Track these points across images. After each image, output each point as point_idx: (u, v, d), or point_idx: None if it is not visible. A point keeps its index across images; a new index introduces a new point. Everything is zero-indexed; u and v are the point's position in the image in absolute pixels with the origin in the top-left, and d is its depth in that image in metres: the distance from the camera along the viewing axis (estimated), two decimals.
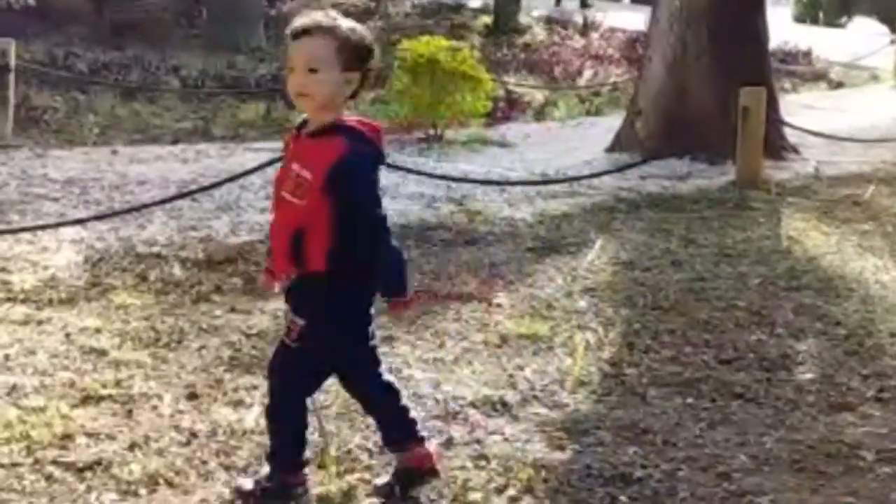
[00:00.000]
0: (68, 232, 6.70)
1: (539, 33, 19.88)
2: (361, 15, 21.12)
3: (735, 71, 9.84)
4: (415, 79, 10.45)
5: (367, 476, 3.81)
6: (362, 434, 4.13)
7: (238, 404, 4.40)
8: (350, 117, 3.55)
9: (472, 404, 4.46)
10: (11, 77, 9.68)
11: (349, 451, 3.99)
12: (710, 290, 6.16)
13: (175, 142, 10.57)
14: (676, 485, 3.85)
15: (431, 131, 10.51)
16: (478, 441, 4.13)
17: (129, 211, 6.95)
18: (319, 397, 4.42)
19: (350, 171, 3.41)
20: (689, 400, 4.61)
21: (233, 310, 5.57)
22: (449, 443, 4.10)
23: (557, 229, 7.45)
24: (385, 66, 13.22)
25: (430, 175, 8.27)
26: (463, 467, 3.91)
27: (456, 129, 10.65)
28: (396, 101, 11.01)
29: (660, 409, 4.50)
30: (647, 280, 6.33)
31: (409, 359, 4.97)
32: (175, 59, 15.30)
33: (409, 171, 8.28)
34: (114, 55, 15.30)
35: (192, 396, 4.46)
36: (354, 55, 3.46)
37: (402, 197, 8.11)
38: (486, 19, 20.51)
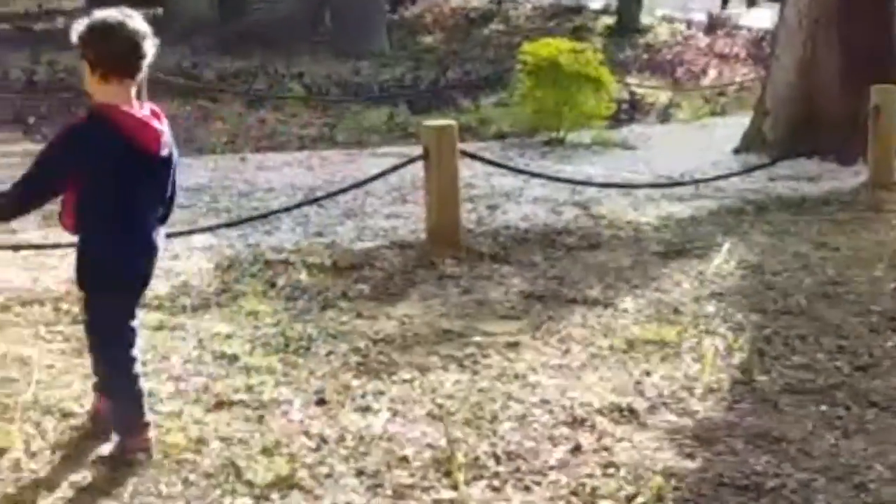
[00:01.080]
0: (199, 239, 6.84)
1: (662, 33, 19.67)
2: (481, 18, 21.19)
3: (865, 70, 9.60)
4: (537, 82, 10.42)
5: (495, 483, 3.81)
6: (489, 441, 4.13)
7: (366, 410, 4.44)
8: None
9: (600, 411, 4.43)
10: (143, 87, 9.92)
11: (477, 458, 3.99)
12: (843, 294, 6.01)
13: (301, 148, 10.72)
14: (812, 495, 3.77)
15: (554, 134, 10.47)
16: (606, 448, 4.10)
17: (257, 218, 7.06)
18: (446, 403, 4.45)
19: None
20: (823, 408, 4.50)
21: (359, 315, 5.62)
22: (577, 450, 4.08)
23: (683, 232, 7.36)
24: (506, 69, 13.28)
25: (554, 179, 8.24)
26: (591, 475, 3.88)
27: (579, 131, 10.59)
28: (519, 105, 11.00)
29: (793, 418, 4.41)
30: (777, 284, 6.21)
31: (534, 365, 4.96)
32: (300, 66, 15.53)
33: (533, 174, 8.27)
34: (240, 64, 15.59)
35: (321, 402, 4.52)
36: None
37: (525, 201, 8.09)
38: (608, 20, 20.37)
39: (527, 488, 3.79)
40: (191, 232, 6.82)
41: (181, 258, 6.47)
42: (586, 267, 6.53)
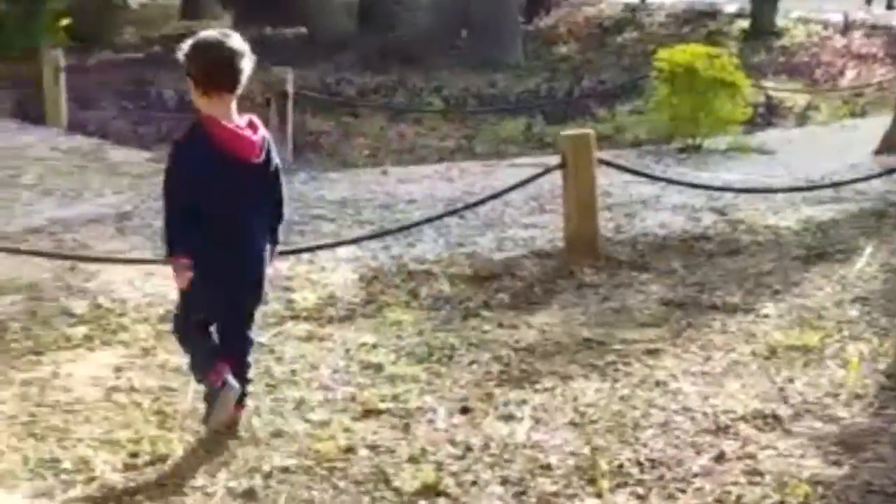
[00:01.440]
0: (344, 251, 7.03)
1: (798, 35, 19.31)
2: (615, 26, 21.11)
3: None
4: (673, 88, 10.37)
5: (639, 491, 3.86)
6: (632, 448, 4.18)
7: (509, 418, 4.53)
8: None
9: (743, 418, 4.43)
10: (290, 103, 10.21)
11: (620, 466, 4.04)
12: None
13: (440, 160, 10.87)
14: None
15: (690, 141, 10.41)
16: (750, 456, 4.11)
17: (400, 230, 7.21)
18: (588, 411, 4.52)
19: None
20: None
21: (500, 325, 5.72)
22: (721, 457, 4.10)
23: (824, 236, 7.26)
24: (641, 76, 13.23)
25: (691, 185, 8.21)
26: (736, 482, 3.90)
27: (715, 137, 10.50)
28: (655, 112, 10.97)
29: None
30: None
31: (675, 371, 4.99)
32: (437, 79, 15.72)
33: (670, 181, 8.25)
34: (380, 79, 15.85)
35: (465, 410, 4.62)
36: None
37: (663, 208, 8.09)
38: (743, 24, 20.07)
39: (671, 496, 3.83)
40: (337, 244, 7.01)
41: (328, 270, 6.66)
42: (726, 273, 6.51)
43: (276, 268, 5.22)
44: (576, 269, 6.56)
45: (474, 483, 3.95)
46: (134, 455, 4.22)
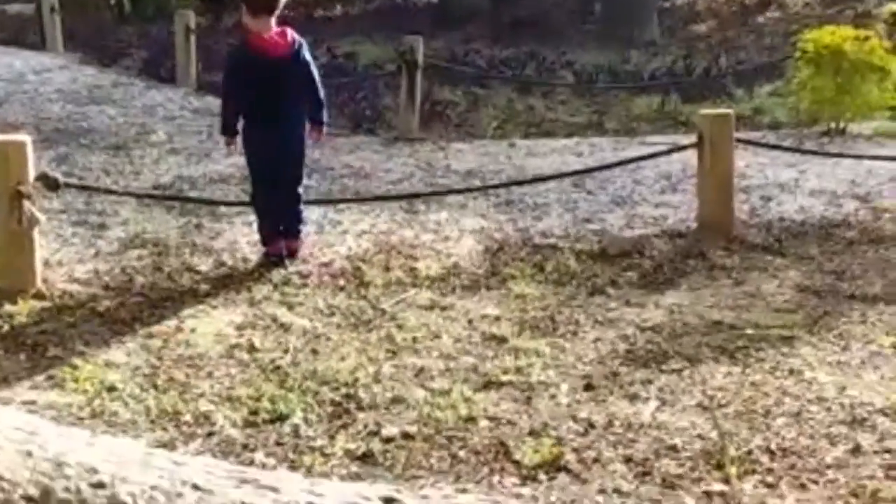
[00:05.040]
0: (469, 222, 6.94)
1: None
2: (756, 5, 20.58)
3: None
4: (817, 70, 10.02)
5: (769, 479, 3.69)
6: (763, 436, 4.01)
7: (634, 398, 4.39)
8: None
9: (882, 411, 4.22)
10: (419, 73, 10.15)
11: (749, 452, 3.88)
12: None
13: (569, 135, 10.70)
14: None
15: (833, 124, 10.05)
16: (888, 451, 3.90)
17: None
18: (717, 395, 4.36)
19: None
20: None
21: (627, 303, 5.57)
22: (856, 450, 3.90)
23: None
24: (782, 58, 12.85)
25: (839, 155, 7.80)
26: (872, 476, 3.70)
27: (860, 122, 10.12)
28: (796, 94, 10.63)
29: None
30: None
31: (810, 360, 4.78)
32: (569, 54, 15.49)
33: (816, 153, 7.87)
34: (510, 51, 15.70)
35: (589, 387, 4.50)
36: None
37: (801, 193, 7.81)
38: (894, 6, 19.38)
39: (802, 486, 3.66)
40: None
41: (452, 240, 6.59)
42: (867, 262, 6.25)
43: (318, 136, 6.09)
44: (708, 251, 6.36)
45: (596, 460, 3.83)
46: (254, 412, 4.19)
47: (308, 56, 5.91)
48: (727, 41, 17.47)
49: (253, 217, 6.29)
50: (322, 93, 5.95)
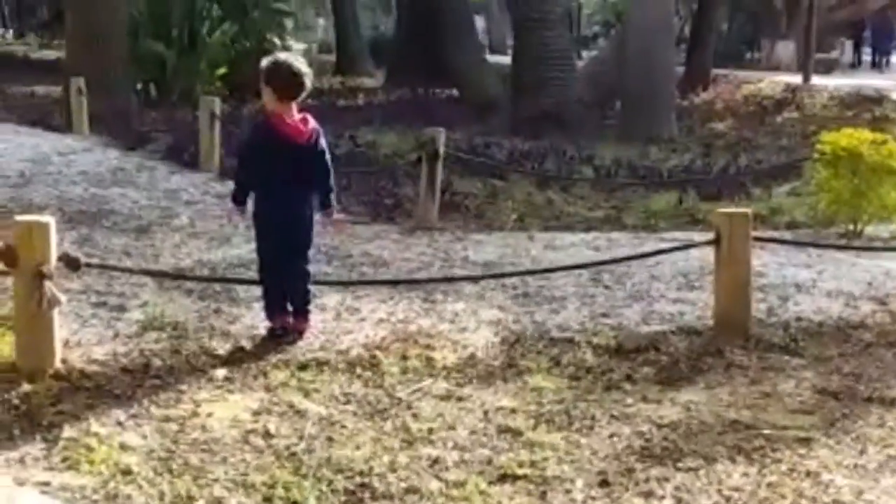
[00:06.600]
0: (487, 313, 6.96)
1: None
2: (775, 106, 20.78)
3: None
4: (835, 172, 10.08)
5: None
6: None
7: (649, 496, 4.37)
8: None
9: None
10: (439, 164, 10.25)
11: None
12: None
13: (588, 230, 10.75)
14: None
15: (851, 226, 10.09)
16: None
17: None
18: (733, 495, 4.32)
19: None
20: None
21: (644, 399, 5.56)
22: None
23: None
24: (800, 158, 12.94)
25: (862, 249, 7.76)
26: None
27: (878, 225, 10.16)
28: (814, 195, 10.68)
29: None
30: None
31: (827, 463, 4.76)
32: (588, 148, 15.65)
33: (840, 247, 7.89)
34: (530, 144, 15.86)
35: (604, 483, 4.48)
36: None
37: (818, 294, 7.81)
38: None
39: None
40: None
41: (469, 330, 6.60)
42: (885, 365, 6.22)
43: (337, 224, 6.59)
44: (724, 349, 6.36)
45: None
46: (268, 499, 4.19)
47: (324, 144, 6.21)
48: (745, 140, 17.64)
49: None
50: (333, 179, 6.26)
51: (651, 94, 17.95)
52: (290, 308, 6.23)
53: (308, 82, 6.00)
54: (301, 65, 6.03)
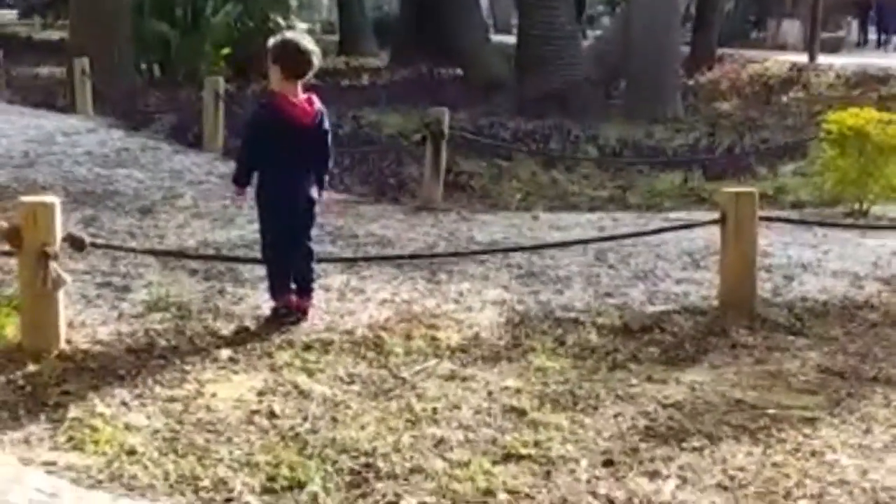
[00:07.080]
0: (491, 293, 6.95)
1: None
2: (780, 85, 20.70)
3: None
4: (841, 151, 10.05)
5: None
6: None
7: (654, 475, 4.37)
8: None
9: None
10: (444, 144, 10.22)
11: None
12: None
13: (592, 209, 10.73)
14: None
15: (857, 205, 10.06)
16: None
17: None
18: (738, 475, 4.31)
19: None
20: None
21: (649, 379, 5.55)
22: None
23: None
24: (806, 138, 12.90)
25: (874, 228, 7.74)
26: None
27: (884, 204, 10.13)
28: (819, 174, 10.65)
29: None
30: None
31: (832, 442, 4.75)
32: (593, 128, 15.59)
33: (849, 225, 7.92)
34: (535, 124, 15.80)
35: (609, 463, 4.48)
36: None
37: (824, 273, 7.80)
38: None
39: None
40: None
41: (474, 311, 6.59)
42: (890, 344, 6.21)
43: (327, 202, 6.79)
44: (729, 329, 6.35)
45: None
46: (272, 479, 4.19)
47: (328, 125, 6.21)
48: (751, 119, 17.58)
49: None
50: (332, 162, 6.34)
51: (656, 73, 17.88)
52: (293, 287, 6.21)
53: (316, 61, 6.00)
54: (309, 43, 6.03)
